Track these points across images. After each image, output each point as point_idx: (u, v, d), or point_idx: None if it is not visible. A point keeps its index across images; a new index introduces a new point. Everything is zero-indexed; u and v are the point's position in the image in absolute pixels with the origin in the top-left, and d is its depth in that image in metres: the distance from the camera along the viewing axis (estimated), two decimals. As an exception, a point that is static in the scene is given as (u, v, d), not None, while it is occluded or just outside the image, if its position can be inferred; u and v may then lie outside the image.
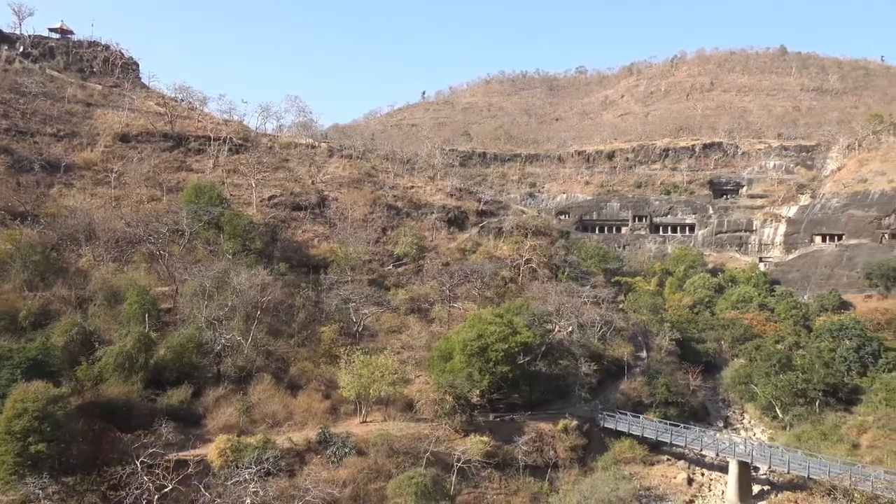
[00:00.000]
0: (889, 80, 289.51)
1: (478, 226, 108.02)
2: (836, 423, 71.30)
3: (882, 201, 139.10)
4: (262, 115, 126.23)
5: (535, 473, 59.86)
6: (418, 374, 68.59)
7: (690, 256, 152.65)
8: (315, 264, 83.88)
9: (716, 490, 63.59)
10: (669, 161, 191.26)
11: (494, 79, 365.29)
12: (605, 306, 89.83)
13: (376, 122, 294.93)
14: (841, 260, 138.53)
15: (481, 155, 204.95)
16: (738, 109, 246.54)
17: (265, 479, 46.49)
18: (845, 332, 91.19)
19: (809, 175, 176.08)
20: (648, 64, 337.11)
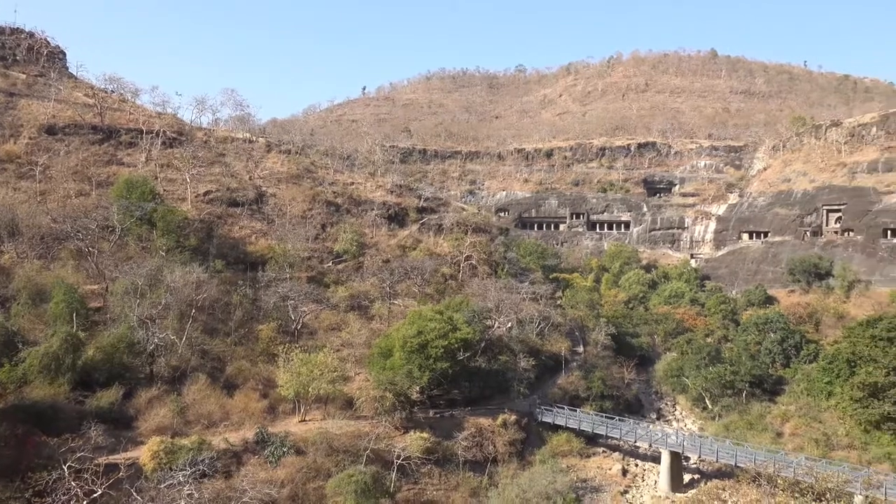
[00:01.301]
0: (811, 84, 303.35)
1: (418, 223, 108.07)
2: (762, 412, 74.24)
3: (804, 200, 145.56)
4: (197, 108, 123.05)
5: (475, 468, 60.43)
6: (358, 372, 68.26)
7: (626, 253, 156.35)
8: (253, 261, 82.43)
9: (649, 480, 65.47)
10: (606, 160, 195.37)
11: (435, 75, 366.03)
12: (543, 302, 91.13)
13: (316, 118, 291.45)
14: (766, 256, 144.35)
15: (422, 152, 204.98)
16: (672, 110, 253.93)
17: (200, 482, 45.48)
18: (770, 326, 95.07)
19: (738, 174, 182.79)
20: (586, 64, 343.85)
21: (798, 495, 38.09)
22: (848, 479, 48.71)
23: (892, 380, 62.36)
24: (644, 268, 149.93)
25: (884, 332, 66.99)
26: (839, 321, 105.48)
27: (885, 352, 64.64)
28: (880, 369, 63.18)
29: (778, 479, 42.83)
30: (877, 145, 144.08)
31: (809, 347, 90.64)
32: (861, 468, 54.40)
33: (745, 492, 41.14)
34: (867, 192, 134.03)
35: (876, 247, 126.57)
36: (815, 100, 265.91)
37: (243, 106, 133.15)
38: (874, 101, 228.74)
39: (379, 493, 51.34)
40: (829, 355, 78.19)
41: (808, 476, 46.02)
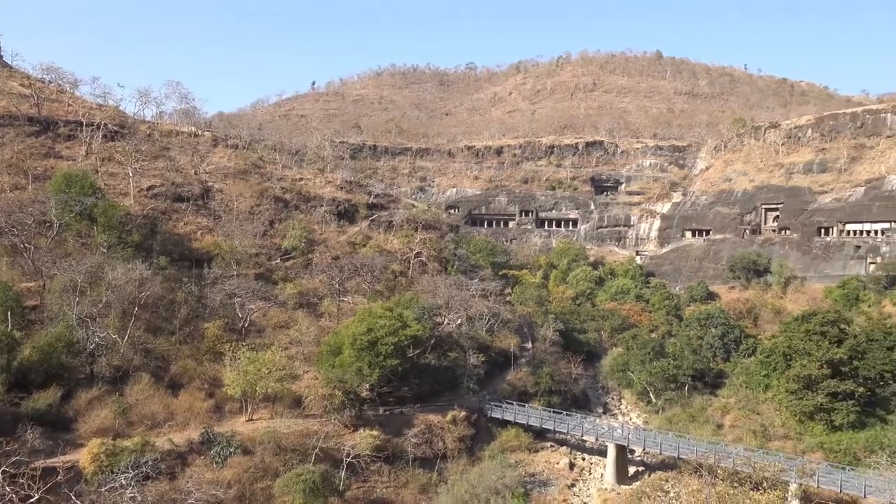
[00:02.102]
0: (751, 87, 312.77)
1: (368, 219, 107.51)
2: (703, 405, 76.43)
3: (744, 199, 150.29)
4: (140, 100, 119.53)
5: (425, 465, 60.64)
6: (307, 370, 67.62)
7: (573, 250, 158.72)
8: (198, 258, 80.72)
9: (595, 473, 66.76)
10: (555, 158, 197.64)
11: (386, 71, 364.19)
12: (492, 299, 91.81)
13: (264, 112, 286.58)
14: (708, 253, 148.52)
15: (372, 148, 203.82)
16: (618, 110, 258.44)
17: (143, 484, 44.52)
18: (711, 321, 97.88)
19: (682, 174, 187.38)
20: (535, 63, 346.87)
21: (737, 485, 39.33)
22: (783, 468, 50.63)
23: (824, 372, 64.96)
24: (591, 265, 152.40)
25: (817, 326, 69.68)
26: (776, 316, 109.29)
27: (818, 346, 67.26)
28: (814, 362, 65.74)
29: (718, 470, 44.15)
30: (812, 147, 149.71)
31: (748, 342, 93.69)
32: (796, 457, 56.56)
33: (687, 482, 42.29)
34: (803, 192, 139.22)
35: (811, 244, 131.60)
36: (755, 102, 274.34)
37: (189, 99, 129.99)
38: (810, 105, 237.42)
39: (328, 491, 51.09)
40: (767, 349, 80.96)
41: (747, 466, 47.62)
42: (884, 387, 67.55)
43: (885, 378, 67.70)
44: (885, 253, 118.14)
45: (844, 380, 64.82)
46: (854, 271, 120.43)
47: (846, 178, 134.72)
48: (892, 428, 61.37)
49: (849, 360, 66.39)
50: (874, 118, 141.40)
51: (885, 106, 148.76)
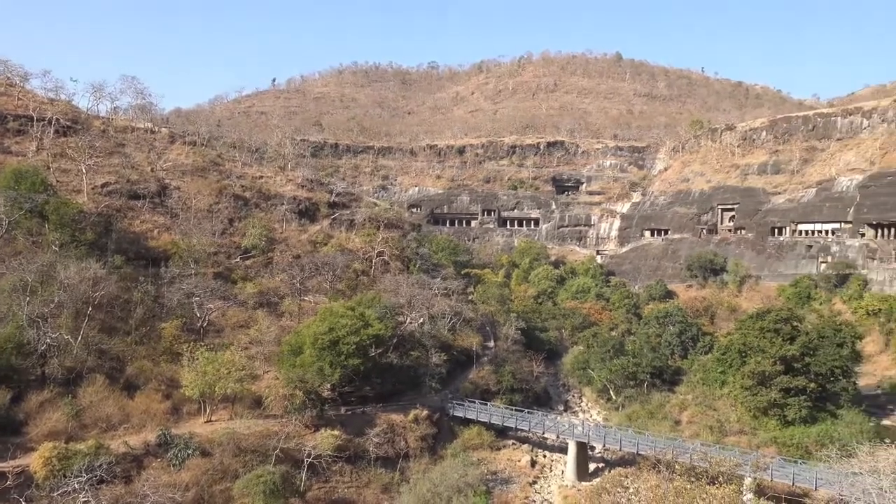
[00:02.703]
0: (708, 89, 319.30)
1: (329, 218, 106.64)
2: (662, 402, 77.60)
3: (701, 199, 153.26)
4: (94, 95, 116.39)
5: (387, 464, 60.42)
6: (267, 370, 66.82)
7: (535, 249, 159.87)
8: (155, 257, 79.06)
9: (556, 470, 67.33)
10: (516, 157, 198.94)
11: (347, 69, 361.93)
12: (455, 298, 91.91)
13: (223, 109, 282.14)
14: (667, 253, 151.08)
15: (333, 146, 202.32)
16: (579, 110, 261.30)
17: (98, 488, 43.46)
18: (670, 319, 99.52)
19: (641, 174, 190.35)
20: (497, 63, 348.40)
21: (694, 479, 39.99)
22: (739, 463, 51.67)
23: (778, 369, 66.50)
24: (553, 264, 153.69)
25: (771, 324, 71.28)
26: (732, 314, 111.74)
27: (772, 342, 68.82)
28: (768, 359, 67.24)
29: (676, 465, 44.92)
30: (766, 149, 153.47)
31: (705, 339, 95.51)
32: (750, 452, 57.80)
33: (645, 478, 42.88)
34: (757, 193, 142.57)
35: (765, 244, 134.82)
36: (712, 104, 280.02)
37: (145, 94, 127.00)
38: (764, 107, 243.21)
39: (288, 492, 50.58)
40: (723, 346, 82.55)
41: (703, 461, 48.46)
42: (834, 382, 69.43)
43: (835, 374, 69.58)
44: (836, 252, 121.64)
45: (797, 376, 66.43)
46: (806, 270, 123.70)
47: (798, 180, 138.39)
48: (841, 422, 63.09)
49: (801, 356, 68.06)
50: (825, 121, 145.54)
51: (835, 110, 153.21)
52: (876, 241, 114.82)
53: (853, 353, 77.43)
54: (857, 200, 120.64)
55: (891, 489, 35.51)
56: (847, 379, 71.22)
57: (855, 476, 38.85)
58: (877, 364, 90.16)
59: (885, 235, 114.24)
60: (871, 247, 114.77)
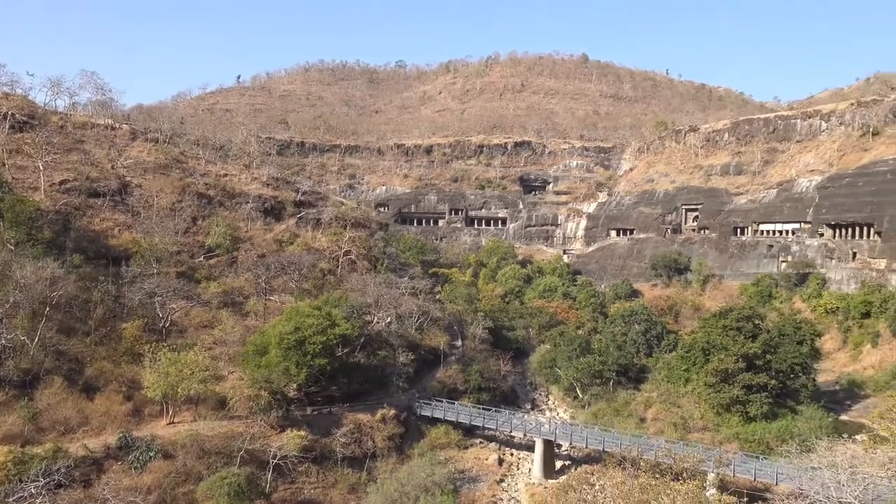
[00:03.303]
0: (672, 91, 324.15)
1: (296, 216, 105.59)
2: (627, 399, 78.37)
3: (665, 200, 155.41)
4: (51, 90, 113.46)
5: (354, 464, 59.98)
6: (232, 371, 65.86)
7: (502, 249, 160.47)
8: (116, 256, 77.37)
9: (523, 468, 67.54)
10: (484, 157, 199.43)
11: (314, 67, 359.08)
12: (422, 297, 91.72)
13: (186, 105, 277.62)
14: (632, 252, 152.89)
15: (300, 144, 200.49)
16: (546, 111, 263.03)
17: (55, 492, 42.35)
18: (635, 318, 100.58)
19: (607, 174, 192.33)
20: (465, 63, 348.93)
21: (658, 476, 40.46)
22: (702, 459, 52.35)
23: (740, 366, 67.64)
24: (520, 263, 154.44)
25: (733, 322, 72.48)
26: (696, 312, 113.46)
27: (734, 340, 69.97)
28: (730, 356, 68.33)
29: (641, 462, 45.39)
30: (728, 150, 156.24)
31: (669, 337, 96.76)
32: (713, 448, 58.67)
33: (611, 475, 43.25)
34: (720, 193, 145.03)
35: (727, 244, 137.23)
36: (676, 106, 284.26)
37: (105, 90, 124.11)
38: (727, 109, 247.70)
39: (254, 494, 49.89)
40: (687, 344, 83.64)
41: (668, 457, 49.02)
42: (794, 379, 70.93)
43: (795, 371, 71.09)
44: (796, 252, 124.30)
45: (758, 373, 67.63)
46: (767, 269, 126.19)
47: (760, 181, 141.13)
48: (801, 418, 64.39)
49: (762, 354, 69.32)
50: (785, 123, 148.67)
51: (794, 112, 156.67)
52: (834, 241, 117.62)
53: (812, 350, 79.20)
54: (815, 201, 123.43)
55: (848, 483, 36.38)
56: (807, 375, 72.87)
57: (814, 470, 39.70)
58: (835, 361, 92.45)
59: (842, 235, 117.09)
60: (830, 246, 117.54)
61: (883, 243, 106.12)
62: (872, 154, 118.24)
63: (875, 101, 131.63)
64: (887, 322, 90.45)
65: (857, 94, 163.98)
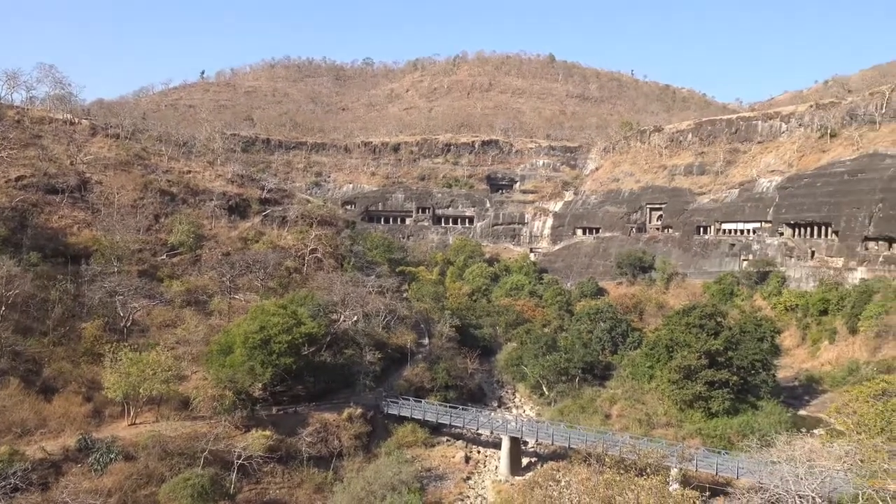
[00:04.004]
0: (637, 91, 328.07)
1: (261, 214, 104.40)
2: (593, 396, 79.09)
3: (630, 199, 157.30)
4: (7, 83, 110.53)
5: (320, 464, 59.60)
6: (195, 370, 64.90)
7: (470, 247, 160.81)
8: (75, 254, 75.68)
9: (490, 465, 67.79)
10: (451, 156, 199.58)
11: (280, 63, 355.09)
12: (389, 295, 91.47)
13: (148, 101, 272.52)
14: (598, 251, 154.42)
15: (265, 141, 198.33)
16: (513, 110, 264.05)
17: (12, 496, 41.39)
18: (600, 316, 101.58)
19: (573, 174, 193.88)
20: (432, 61, 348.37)
21: (623, 471, 41.00)
22: (665, 455, 53.22)
23: (703, 363, 68.70)
24: (487, 261, 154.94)
25: (696, 319, 73.60)
26: (660, 310, 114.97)
27: (697, 337, 71.06)
28: (693, 353, 69.37)
29: (606, 458, 45.86)
30: (692, 150, 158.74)
31: (634, 335, 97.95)
32: (676, 444, 59.52)
33: (577, 471, 43.65)
34: (684, 193, 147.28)
35: (691, 242, 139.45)
36: (641, 106, 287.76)
37: (64, 84, 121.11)
38: (690, 110, 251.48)
39: (218, 495, 49.23)
40: (651, 342, 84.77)
41: (632, 453, 49.70)
42: (754, 375, 72.32)
43: (755, 367, 72.48)
44: (756, 251, 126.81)
45: (720, 369, 68.77)
46: (729, 268, 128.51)
47: (722, 181, 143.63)
48: (761, 413, 65.69)
49: (724, 350, 70.50)
50: (747, 125, 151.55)
51: (756, 114, 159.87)
52: (793, 240, 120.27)
53: (772, 346, 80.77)
54: (776, 201, 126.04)
55: (806, 476, 37.20)
56: (767, 372, 74.34)
57: (774, 464, 40.50)
58: (794, 357, 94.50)
59: (801, 235, 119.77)
60: (789, 245, 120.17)
61: (840, 242, 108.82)
62: (830, 155, 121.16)
63: (833, 104, 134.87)
64: (844, 319, 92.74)
65: (815, 97, 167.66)
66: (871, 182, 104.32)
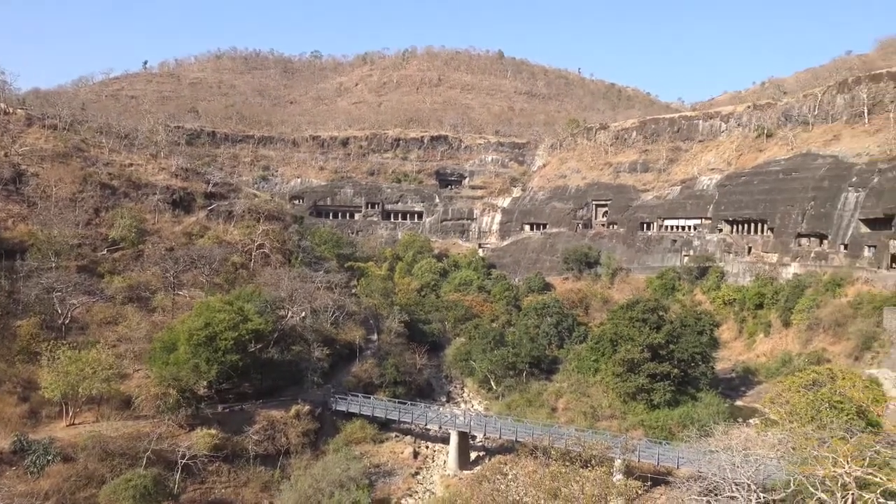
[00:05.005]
0: (584, 89, 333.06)
1: (206, 209, 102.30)
2: (540, 390, 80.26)
3: (577, 195, 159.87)
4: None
5: (267, 462, 59.04)
6: (138, 369, 63.41)
7: (419, 242, 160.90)
8: (10, 249, 72.86)
9: (439, 460, 68.22)
10: (400, 151, 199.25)
11: (226, 55, 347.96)
12: (338, 291, 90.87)
13: (88, 91, 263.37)
14: (545, 246, 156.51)
15: (210, 134, 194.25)
16: (462, 106, 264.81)
17: (-59, 501, 39.78)
18: (547, 311, 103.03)
19: (521, 170, 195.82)
20: (382, 55, 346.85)
21: (568, 463, 41.86)
22: (609, 446, 54.42)
23: (645, 356, 70.64)
24: (436, 257, 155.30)
25: (639, 314, 75.55)
26: (605, 305, 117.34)
27: (640, 331, 72.97)
28: (636, 347, 71.24)
29: (552, 451, 46.74)
30: (636, 148, 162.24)
31: (580, 329, 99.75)
32: (620, 435, 61.04)
33: (524, 464, 44.50)
34: (628, 190, 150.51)
35: (635, 238, 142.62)
36: (587, 104, 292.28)
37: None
38: (635, 109, 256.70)
39: (161, 496, 48.32)
40: (596, 336, 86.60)
41: (577, 445, 50.65)
42: (694, 367, 74.68)
43: (695, 360, 74.85)
44: (697, 247, 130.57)
45: (662, 362, 70.82)
46: (671, 263, 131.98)
47: (665, 178, 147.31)
48: (701, 404, 67.90)
49: (666, 344, 72.62)
50: (688, 124, 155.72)
51: (697, 113, 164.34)
52: (731, 237, 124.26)
53: (711, 339, 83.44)
54: (715, 198, 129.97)
55: (742, 464, 38.67)
56: (706, 364, 76.87)
57: (712, 454, 41.88)
58: (732, 349, 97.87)
59: (739, 231, 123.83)
60: (728, 241, 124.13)
61: (775, 239, 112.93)
62: (766, 154, 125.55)
63: (769, 105, 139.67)
64: (777, 313, 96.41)
65: (753, 98, 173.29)
66: (803, 181, 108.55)
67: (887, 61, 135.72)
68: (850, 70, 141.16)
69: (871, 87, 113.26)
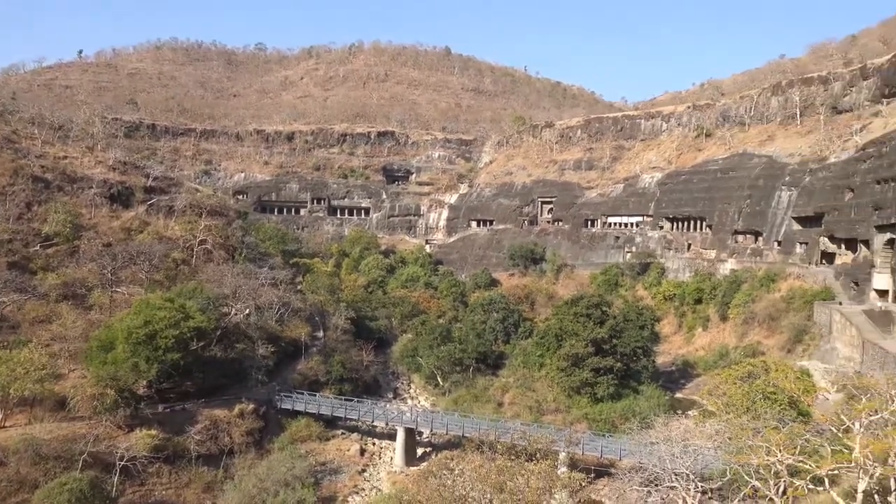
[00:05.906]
0: (529, 87, 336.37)
1: (146, 203, 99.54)
2: (486, 385, 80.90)
3: (523, 192, 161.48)
4: None
5: (210, 462, 57.92)
6: (73, 368, 61.39)
7: (365, 238, 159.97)
8: (-67, 245, 69.65)
9: (385, 457, 68.13)
10: (347, 146, 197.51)
11: (166, 45, 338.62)
12: (283, 288, 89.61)
13: (19, 80, 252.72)
14: (492, 242, 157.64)
15: (150, 127, 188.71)
16: (409, 102, 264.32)
17: None
18: (493, 306, 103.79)
19: (468, 166, 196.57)
20: (328, 49, 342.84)
21: (514, 457, 42.34)
22: (554, 440, 55.37)
23: (589, 350, 71.91)
24: (383, 253, 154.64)
25: (583, 309, 76.82)
26: (550, 300, 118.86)
27: (584, 326, 74.22)
28: (580, 342, 72.45)
29: (498, 445, 47.18)
30: (581, 146, 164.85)
31: (526, 325, 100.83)
32: (565, 429, 62.09)
33: (470, 459, 44.76)
34: (573, 187, 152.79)
35: (579, 235, 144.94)
36: (533, 102, 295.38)
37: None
38: (580, 107, 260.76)
39: (98, 499, 46.86)
40: (542, 331, 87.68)
41: (523, 440, 51.35)
42: (636, 361, 76.45)
43: (637, 354, 76.60)
44: (639, 243, 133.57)
45: (605, 356, 72.23)
46: (614, 259, 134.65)
47: (609, 176, 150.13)
48: (642, 397, 69.58)
49: (609, 338, 74.04)
50: (631, 123, 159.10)
51: (639, 113, 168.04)
52: (672, 234, 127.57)
53: (653, 334, 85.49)
54: (657, 196, 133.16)
55: (681, 455, 39.81)
56: (647, 358, 78.75)
57: (653, 445, 42.98)
58: (672, 343, 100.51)
59: (679, 228, 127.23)
60: (668, 238, 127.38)
61: (713, 235, 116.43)
62: (705, 154, 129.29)
63: (708, 105, 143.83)
64: (715, 307, 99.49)
65: (693, 98, 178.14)
66: (740, 179, 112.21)
67: (818, 65, 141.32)
68: (784, 73, 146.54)
69: (803, 90, 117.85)
